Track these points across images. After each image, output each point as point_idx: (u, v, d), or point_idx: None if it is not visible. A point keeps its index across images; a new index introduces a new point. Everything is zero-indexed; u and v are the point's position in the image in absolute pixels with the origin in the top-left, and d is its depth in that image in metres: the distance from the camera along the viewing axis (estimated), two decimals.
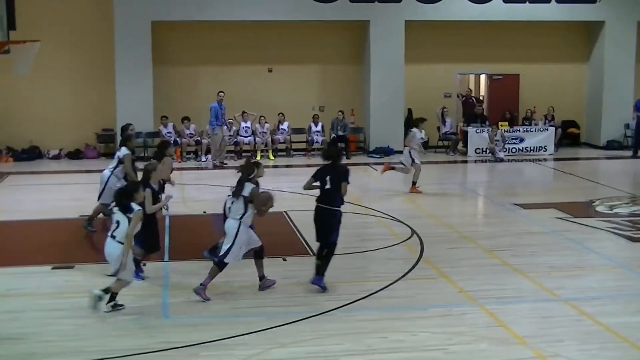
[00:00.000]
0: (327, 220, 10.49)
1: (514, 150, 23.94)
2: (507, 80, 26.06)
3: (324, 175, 10.54)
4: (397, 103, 24.39)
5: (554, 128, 24.88)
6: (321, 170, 10.64)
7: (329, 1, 23.72)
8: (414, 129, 18.10)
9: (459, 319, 9.61)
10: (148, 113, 23.26)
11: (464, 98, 26.18)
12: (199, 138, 23.52)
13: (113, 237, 9.59)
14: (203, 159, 22.89)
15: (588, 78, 26.25)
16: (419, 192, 17.65)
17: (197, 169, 21.88)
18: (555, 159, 23.61)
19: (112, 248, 9.60)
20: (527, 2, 24.56)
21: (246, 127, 23.67)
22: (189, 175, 20.64)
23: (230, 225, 10.24)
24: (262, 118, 23.97)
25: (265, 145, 23.64)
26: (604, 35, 25.26)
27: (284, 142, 24.24)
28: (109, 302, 9.66)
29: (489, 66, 25.95)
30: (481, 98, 27.13)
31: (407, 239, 13.42)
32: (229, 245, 10.16)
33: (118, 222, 9.59)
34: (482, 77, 27.50)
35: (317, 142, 24.11)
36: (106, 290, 9.63)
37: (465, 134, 24.40)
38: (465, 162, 23.44)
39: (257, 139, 23.57)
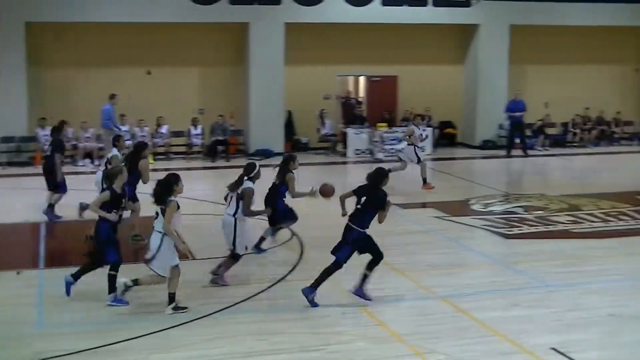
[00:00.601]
0: (345, 235, 10.14)
1: (392, 150, 24.37)
2: (385, 81, 26.50)
3: (361, 195, 10.21)
4: (277, 105, 24.46)
5: (431, 128, 25.45)
6: (360, 188, 10.26)
7: (209, 3, 23.58)
8: (412, 126, 18.65)
9: (338, 319, 9.73)
10: (22, 117, 22.57)
11: (343, 100, 26.50)
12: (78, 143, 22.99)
13: (153, 227, 9.91)
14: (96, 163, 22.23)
15: (464, 80, 26.98)
16: (432, 188, 18.14)
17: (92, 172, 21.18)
18: (433, 159, 24.15)
19: (152, 239, 9.86)
20: (405, 5, 25.04)
21: (125, 130, 23.25)
22: (82, 179, 20.04)
23: (226, 220, 10.89)
24: (141, 121, 23.63)
25: None
26: (478, 38, 26.03)
27: (163, 146, 23.96)
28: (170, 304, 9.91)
29: (368, 68, 26.33)
30: (360, 100, 27.52)
31: (286, 241, 13.48)
32: (232, 239, 10.83)
33: (157, 213, 9.86)
34: (362, 79, 27.90)
35: (196, 145, 23.94)
36: (135, 282, 10.08)
37: (344, 135, 24.70)
38: (345, 163, 23.73)
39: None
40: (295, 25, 24.28)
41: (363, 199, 10.13)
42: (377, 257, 10.21)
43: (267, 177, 12.31)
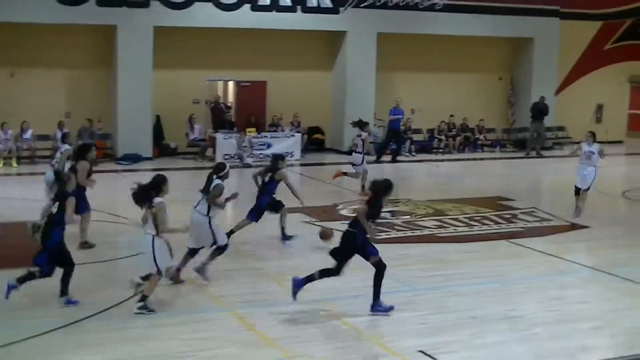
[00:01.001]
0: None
1: (261, 156, 24.37)
2: (254, 87, 26.51)
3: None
4: (145, 109, 24.06)
5: (300, 134, 25.63)
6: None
7: (75, 4, 22.95)
8: (363, 132, 18.86)
9: (209, 324, 9.66)
10: None
11: (212, 104, 26.33)
12: None
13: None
14: None
15: (332, 86, 27.31)
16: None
17: None
18: (302, 164, 24.34)
19: (143, 240, 10.07)
20: (274, 11, 25.12)
21: None
22: None
23: (200, 220, 11.19)
24: (5, 124, 22.79)
25: (9, 152, 22.50)
26: (346, 45, 26.40)
27: (28, 149, 23.17)
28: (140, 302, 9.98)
29: (237, 73, 26.27)
30: (229, 104, 27.42)
31: None
32: (213, 236, 11.18)
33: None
34: (231, 84, 27.81)
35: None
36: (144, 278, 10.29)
37: (213, 140, 24.55)
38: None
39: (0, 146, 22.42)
40: (164, 28, 23.97)
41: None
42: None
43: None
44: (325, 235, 11.75)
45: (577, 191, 16.78)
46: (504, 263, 12.96)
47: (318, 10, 25.66)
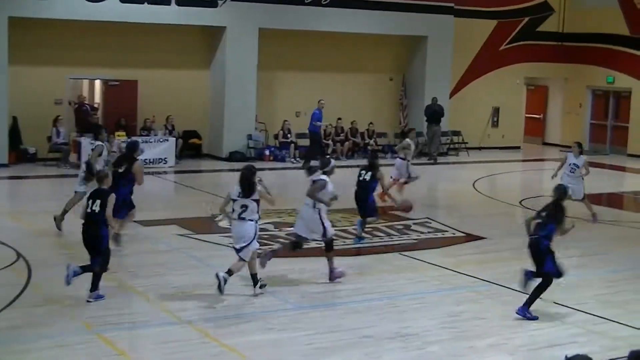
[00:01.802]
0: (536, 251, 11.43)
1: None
2: (124, 86, 26.09)
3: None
4: (0, 109, 23.34)
5: (174, 138, 25.35)
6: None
7: None
8: (407, 139, 19.22)
9: (73, 350, 9.42)
10: None
11: (76, 105, 25.75)
12: None
13: (243, 218, 11.63)
14: None
15: (210, 86, 27.17)
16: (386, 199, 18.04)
17: None
18: (177, 172, 24.11)
19: (245, 228, 11.60)
20: (146, 3, 24.77)
21: None
22: None
23: (309, 212, 12.59)
24: None
25: None
26: (225, 41, 26.30)
27: None
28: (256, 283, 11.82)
29: (104, 71, 25.81)
30: (96, 106, 26.89)
31: (12, 263, 12.90)
32: (322, 227, 12.59)
33: (246, 206, 11.62)
34: (97, 83, 27.29)
35: None
36: (229, 272, 11.61)
37: (78, 144, 23.97)
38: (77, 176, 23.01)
39: None
40: (21, 20, 23.32)
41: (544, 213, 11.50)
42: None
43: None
44: (405, 207, 13.75)
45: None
46: (396, 277, 13.14)
47: (194, 3, 25.47)
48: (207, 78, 27.19)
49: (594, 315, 11.46)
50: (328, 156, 13.72)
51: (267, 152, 26.69)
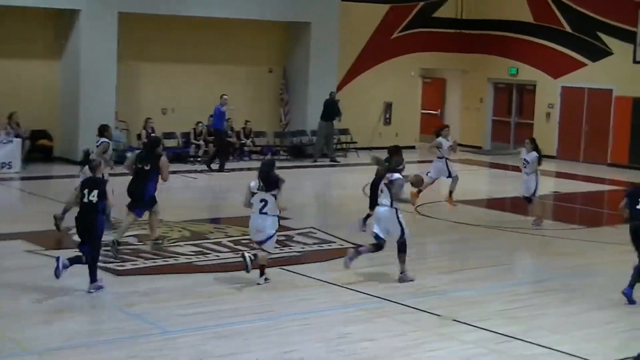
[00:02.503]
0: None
1: None
2: None
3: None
4: None
5: (20, 139, 24.82)
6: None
7: None
8: (439, 138, 20.64)
9: None
10: None
11: None
12: None
13: (265, 213, 13.44)
14: None
15: (62, 79, 26.71)
16: (454, 205, 20.43)
17: None
18: (23, 178, 23.63)
19: (266, 222, 13.49)
20: None
21: None
22: None
23: (385, 213, 13.98)
24: None
25: None
26: (79, 27, 25.91)
27: None
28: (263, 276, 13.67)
29: None
30: None
31: None
32: (401, 229, 13.98)
33: (265, 201, 13.41)
34: None
35: None
36: (255, 256, 13.58)
37: None
38: None
39: None
40: None
41: None
42: None
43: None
44: (417, 182, 14.72)
45: (528, 200, 19.48)
46: (278, 295, 13.18)
47: None
48: (58, 69, 26.72)
49: (497, 333, 11.72)
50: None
51: (128, 155, 26.37)
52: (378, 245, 14.16)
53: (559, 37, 32.32)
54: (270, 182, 13.45)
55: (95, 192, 12.74)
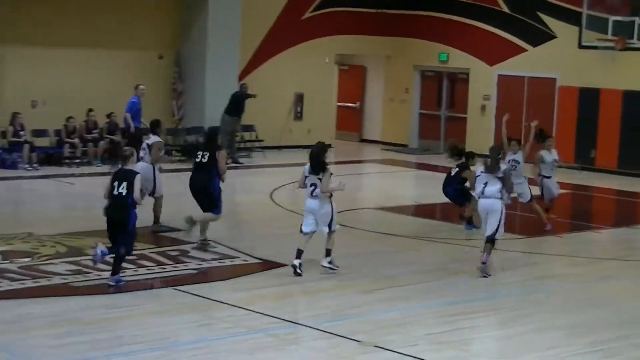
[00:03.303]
0: None
1: None
2: None
3: None
4: None
5: None
6: None
7: None
8: (542, 152, 20.43)
9: None
10: None
11: None
12: None
13: (315, 196, 15.58)
14: None
15: None
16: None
17: None
18: None
19: (319, 204, 15.63)
20: None
21: None
22: None
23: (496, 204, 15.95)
24: None
25: None
26: None
27: None
28: (328, 259, 15.80)
29: None
30: None
31: None
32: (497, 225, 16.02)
33: (314, 184, 15.52)
34: None
35: None
36: (328, 253, 15.86)
37: None
38: None
39: None
40: None
41: None
42: None
43: None
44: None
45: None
46: (170, 320, 13.12)
47: None
48: None
49: None
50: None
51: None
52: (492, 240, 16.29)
53: (495, 19, 32.75)
54: (318, 165, 15.59)
55: (125, 184, 14.22)
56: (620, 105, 29.88)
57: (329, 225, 15.74)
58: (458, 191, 19.62)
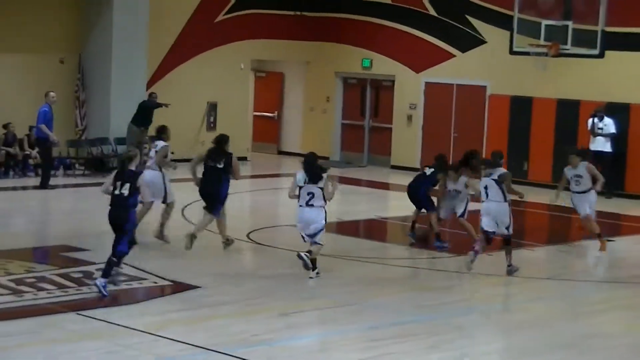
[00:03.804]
0: None
1: None
2: None
3: None
4: None
5: None
6: None
7: None
8: (567, 169, 21.16)
9: None
10: None
11: None
12: None
13: (311, 205, 17.01)
14: None
15: None
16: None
17: None
18: None
19: (315, 214, 17.09)
20: None
21: None
22: None
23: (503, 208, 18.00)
24: None
25: None
26: None
27: None
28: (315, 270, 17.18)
29: None
30: None
31: None
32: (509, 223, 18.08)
33: (312, 193, 17.00)
34: None
35: None
36: (310, 252, 17.07)
37: None
38: None
39: None
40: None
41: None
42: None
43: None
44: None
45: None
46: (73, 348, 13.03)
47: None
48: None
49: None
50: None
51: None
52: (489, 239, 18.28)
53: (421, 22, 33.03)
54: (314, 174, 17.14)
55: (127, 185, 15.27)
56: (554, 115, 30.28)
57: (316, 234, 17.16)
58: (427, 193, 20.71)
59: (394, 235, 23.46)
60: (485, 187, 18.06)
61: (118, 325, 14.18)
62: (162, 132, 20.26)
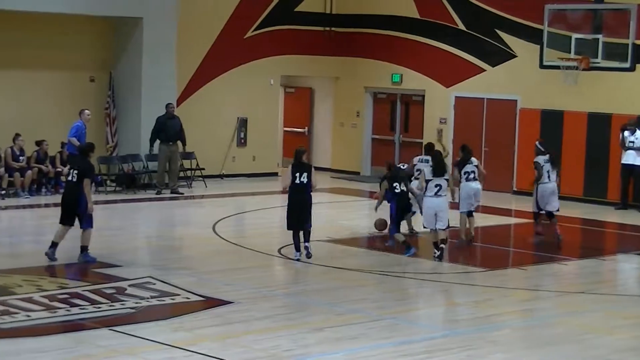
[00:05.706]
0: None
1: None
2: None
3: None
4: None
5: None
6: None
7: None
8: None
9: None
10: None
11: None
12: None
13: (440, 195, 20.09)
14: None
15: None
16: None
17: None
18: None
19: (445, 203, 20.28)
20: None
21: None
22: None
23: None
24: None
25: None
26: None
27: None
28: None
29: None
30: None
31: None
32: None
33: (440, 185, 20.07)
34: None
35: None
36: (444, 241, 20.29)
37: None
38: None
39: None
40: None
41: None
42: None
43: None
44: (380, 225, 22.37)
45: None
46: None
47: None
48: None
49: None
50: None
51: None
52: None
53: (451, 37, 32.93)
54: (442, 168, 20.83)
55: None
56: (585, 128, 30.14)
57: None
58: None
59: (426, 249, 23.35)
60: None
61: (150, 340, 14.18)
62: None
